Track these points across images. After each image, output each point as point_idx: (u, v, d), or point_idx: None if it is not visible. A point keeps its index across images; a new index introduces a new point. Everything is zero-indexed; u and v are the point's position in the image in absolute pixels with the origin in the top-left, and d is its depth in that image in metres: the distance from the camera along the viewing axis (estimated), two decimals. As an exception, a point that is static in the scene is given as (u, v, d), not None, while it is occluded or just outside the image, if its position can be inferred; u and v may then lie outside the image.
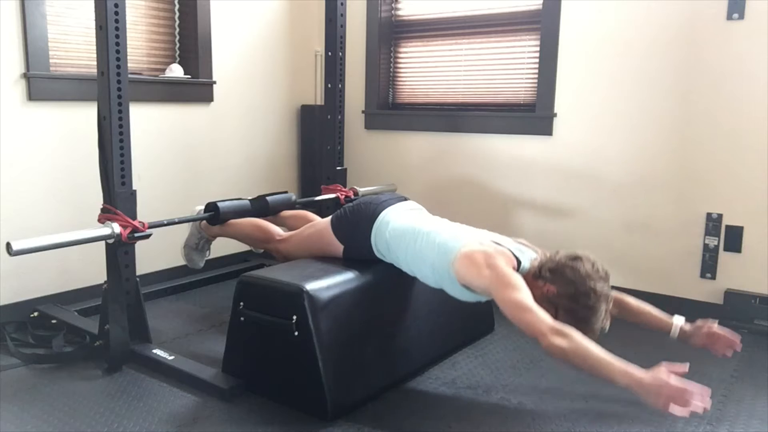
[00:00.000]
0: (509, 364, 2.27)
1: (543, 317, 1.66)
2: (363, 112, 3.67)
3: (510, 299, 1.71)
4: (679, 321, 1.98)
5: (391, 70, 3.67)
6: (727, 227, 2.71)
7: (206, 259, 2.80)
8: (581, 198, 3.04)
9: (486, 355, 2.35)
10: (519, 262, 1.88)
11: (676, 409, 1.48)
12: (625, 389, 1.58)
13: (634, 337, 2.54)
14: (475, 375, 2.18)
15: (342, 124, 3.19)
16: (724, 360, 2.32)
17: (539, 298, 1.75)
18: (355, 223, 2.14)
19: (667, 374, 1.52)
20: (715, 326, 1.96)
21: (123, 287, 2.17)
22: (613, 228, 2.98)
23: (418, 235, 1.98)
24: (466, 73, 3.40)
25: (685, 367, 1.58)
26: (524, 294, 1.72)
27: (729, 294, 2.70)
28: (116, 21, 2.04)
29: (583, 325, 1.74)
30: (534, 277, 1.85)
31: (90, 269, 2.73)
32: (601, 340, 2.46)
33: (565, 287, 1.78)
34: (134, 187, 2.17)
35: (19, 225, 2.51)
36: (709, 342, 1.96)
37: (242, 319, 1.98)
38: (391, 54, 3.65)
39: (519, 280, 1.76)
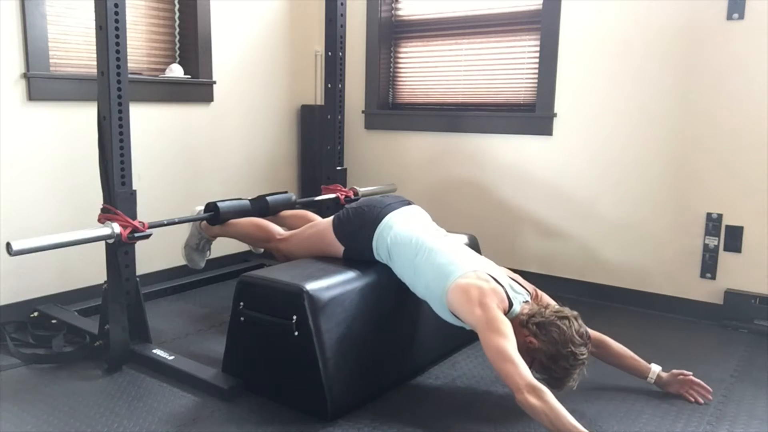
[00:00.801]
0: (509, 364, 2.27)
1: (522, 371, 1.67)
2: (363, 112, 3.67)
3: (495, 346, 1.72)
4: (656, 368, 2.03)
5: (391, 70, 3.67)
6: (727, 227, 2.71)
7: (206, 259, 2.80)
8: (581, 198, 3.04)
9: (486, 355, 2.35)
10: (510, 305, 1.88)
11: None
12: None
13: (634, 337, 2.55)
14: (475, 375, 2.18)
15: (342, 124, 3.19)
16: (724, 360, 2.33)
17: (520, 345, 1.76)
18: (358, 225, 2.13)
19: None
20: (690, 375, 2.02)
21: (123, 287, 2.17)
22: (613, 228, 2.98)
23: (419, 250, 1.98)
24: (466, 73, 3.40)
25: None
26: (509, 343, 1.73)
27: (729, 294, 2.70)
28: (116, 21, 2.04)
29: (555, 382, 1.78)
30: (520, 325, 1.85)
31: (90, 269, 2.73)
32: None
33: (547, 345, 1.79)
34: (134, 187, 2.17)
35: (19, 225, 2.51)
36: (684, 389, 2.01)
37: (242, 319, 1.98)
38: (391, 54, 3.65)
39: (507, 327, 1.77)
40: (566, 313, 1.84)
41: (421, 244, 1.99)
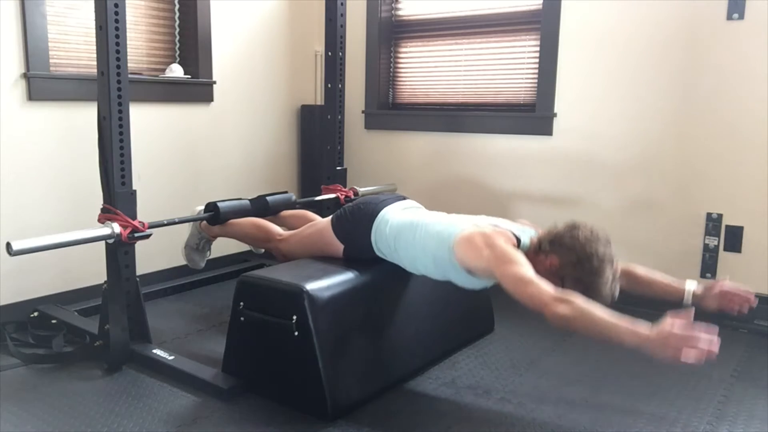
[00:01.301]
0: (509, 364, 2.27)
1: (545, 288, 1.64)
2: (363, 112, 3.67)
3: (511, 274, 1.71)
4: (691, 286, 1.88)
5: (391, 70, 3.67)
6: (727, 227, 2.71)
7: (206, 259, 2.80)
8: (581, 198, 3.04)
9: (486, 355, 2.35)
10: (519, 240, 1.88)
11: (688, 357, 1.43)
12: (635, 349, 1.53)
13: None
14: (475, 375, 2.18)
15: (342, 124, 3.19)
16: (724, 360, 2.32)
17: (544, 273, 1.74)
18: (356, 222, 2.14)
19: (671, 324, 1.48)
20: (726, 284, 1.84)
21: (123, 287, 2.17)
22: (613, 227, 2.97)
23: (417, 228, 1.99)
24: (466, 73, 3.40)
25: (690, 315, 1.51)
26: (525, 268, 1.71)
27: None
28: (116, 21, 2.04)
29: (591, 292, 1.71)
30: (535, 253, 1.85)
31: (90, 269, 2.73)
32: (601, 344, 2.47)
33: (567, 256, 1.77)
34: (134, 187, 2.17)
35: (19, 225, 2.51)
36: (723, 303, 1.86)
37: (242, 319, 1.98)
38: (391, 54, 3.65)
39: (519, 256, 1.76)
40: (576, 222, 1.82)
41: (418, 223, 2.00)
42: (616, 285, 1.79)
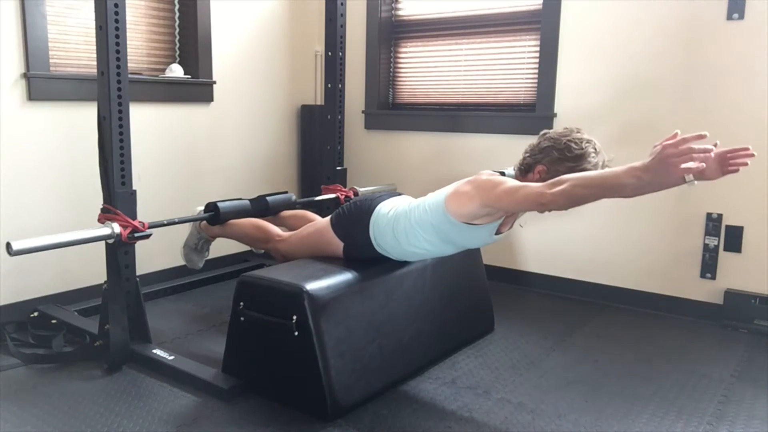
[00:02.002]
0: (509, 364, 2.27)
1: (534, 185, 1.69)
2: (363, 112, 3.67)
3: (501, 191, 1.75)
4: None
5: (391, 70, 3.67)
6: (727, 227, 2.71)
7: (206, 259, 2.80)
8: (581, 198, 3.03)
9: (486, 355, 2.35)
10: (502, 174, 1.96)
11: (689, 169, 1.43)
12: (636, 184, 1.50)
13: (635, 337, 2.55)
14: (475, 375, 2.18)
15: (342, 124, 3.19)
16: (724, 360, 2.33)
17: (538, 184, 1.76)
18: (354, 219, 2.14)
19: (662, 146, 1.47)
20: (717, 149, 1.65)
21: (123, 287, 2.17)
22: (613, 227, 2.98)
23: (410, 212, 2.02)
24: (466, 73, 3.40)
25: (675, 133, 1.48)
26: (512, 182, 1.77)
27: (729, 294, 2.70)
28: (116, 21, 2.04)
29: (585, 170, 1.79)
30: (521, 173, 1.95)
31: (90, 269, 2.73)
32: (601, 344, 2.47)
33: (549, 156, 1.86)
34: (134, 187, 2.17)
35: (19, 225, 2.51)
36: (723, 169, 1.73)
37: (242, 319, 1.98)
38: (391, 54, 3.65)
39: (504, 178, 1.81)
40: (544, 130, 1.94)
41: (411, 206, 2.04)
42: (603, 154, 1.88)
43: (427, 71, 3.53)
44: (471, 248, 2.11)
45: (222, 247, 3.19)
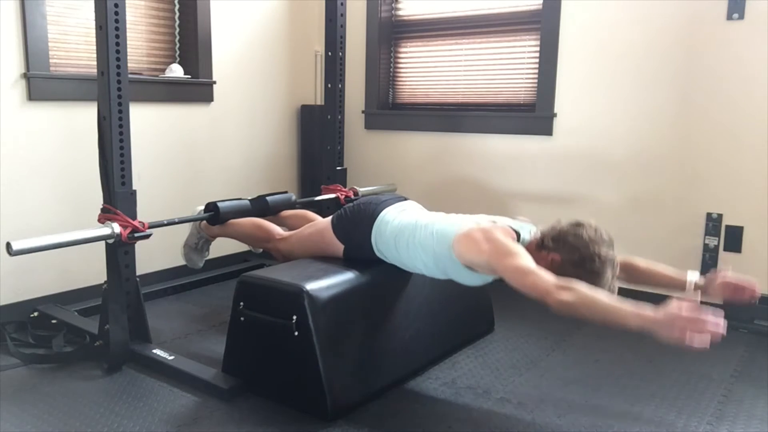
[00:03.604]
0: (509, 364, 2.27)
1: (546, 276, 1.64)
2: (363, 112, 3.67)
3: (511, 266, 1.71)
4: (692, 277, 1.86)
5: (391, 70, 3.67)
6: (727, 227, 2.71)
7: (206, 259, 2.80)
8: (581, 198, 3.04)
9: (486, 355, 2.35)
10: (518, 235, 1.89)
11: (694, 340, 1.43)
12: (640, 331, 1.52)
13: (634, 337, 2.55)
14: (475, 375, 2.18)
15: (342, 124, 3.19)
16: (724, 360, 2.32)
17: (545, 267, 1.74)
18: (356, 222, 2.14)
19: (678, 307, 1.47)
20: (728, 275, 1.81)
21: (123, 287, 2.17)
22: (613, 227, 2.97)
23: (417, 229, 1.99)
24: (466, 73, 3.40)
25: (696, 298, 1.51)
26: (525, 259, 1.72)
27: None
28: (116, 21, 2.04)
29: (595, 285, 1.70)
30: (537, 248, 1.85)
31: (90, 269, 2.73)
32: (601, 344, 2.47)
33: (570, 254, 1.77)
34: (134, 187, 2.17)
35: (19, 225, 2.51)
36: (727, 293, 1.82)
37: (242, 319, 1.98)
38: (391, 54, 3.65)
39: (518, 248, 1.77)
40: (580, 220, 1.82)
41: (418, 223, 2.01)
42: (614, 285, 1.79)
43: (427, 71, 3.53)
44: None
45: (222, 247, 3.18)
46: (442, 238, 1.91)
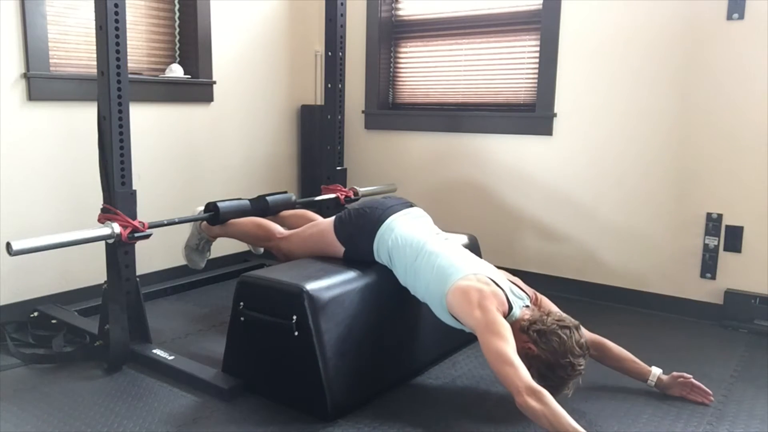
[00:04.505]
0: (509, 364, 2.27)
1: (522, 374, 1.66)
2: (363, 112, 3.67)
3: (494, 349, 1.72)
4: (657, 371, 2.01)
5: (391, 70, 3.67)
6: (727, 227, 2.71)
7: (206, 259, 2.80)
8: (581, 198, 3.04)
9: (486, 355, 2.35)
10: (510, 308, 1.88)
11: None
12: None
13: (634, 337, 2.55)
14: (475, 375, 2.18)
15: (342, 124, 3.19)
16: (724, 360, 2.33)
17: (519, 350, 1.76)
18: (359, 226, 2.13)
19: None
20: (690, 378, 2.00)
21: (123, 287, 2.17)
22: (613, 227, 2.98)
23: (420, 253, 1.98)
24: (466, 73, 3.40)
25: None
26: (509, 346, 1.72)
27: (729, 294, 2.70)
28: (116, 21, 2.04)
29: (550, 390, 1.72)
30: (521, 330, 1.85)
31: (90, 269, 2.73)
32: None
33: (547, 354, 1.78)
34: (134, 187, 2.17)
35: (19, 225, 2.51)
36: (686, 392, 2.00)
37: (242, 319, 1.98)
38: (391, 54, 3.65)
39: (506, 330, 1.76)
40: (567, 322, 1.83)
41: (422, 247, 2.00)
42: (571, 390, 1.83)
43: (427, 71, 3.53)
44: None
45: (222, 247, 3.19)
46: (439, 278, 1.90)
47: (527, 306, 1.95)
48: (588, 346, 1.84)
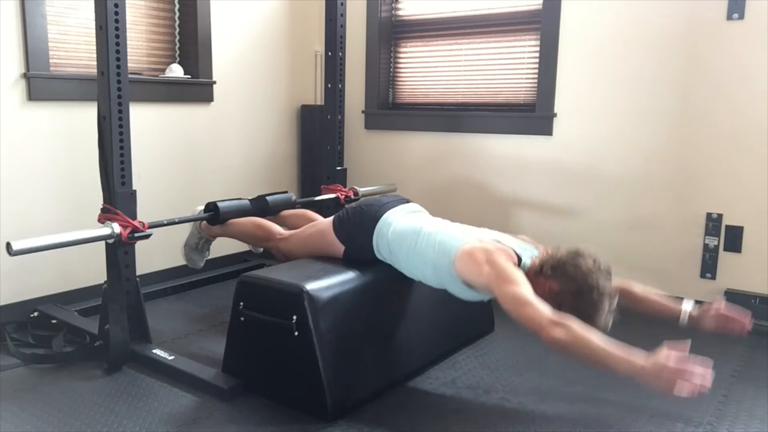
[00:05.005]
0: (509, 364, 2.27)
1: (542, 310, 1.64)
2: (363, 112, 3.67)
3: (509, 294, 1.71)
4: (687, 307, 1.91)
5: (391, 70, 3.67)
6: (727, 227, 2.71)
7: (206, 259, 2.80)
8: (581, 198, 3.04)
9: (486, 355, 2.35)
10: (520, 259, 1.88)
11: (681, 390, 1.44)
12: (627, 378, 1.54)
13: (635, 337, 2.55)
14: (475, 375, 2.18)
15: (342, 124, 3.19)
16: (724, 360, 2.32)
17: (542, 296, 1.74)
18: (357, 224, 2.14)
19: (666, 356, 1.49)
20: (722, 307, 1.88)
21: (123, 287, 2.17)
22: (613, 228, 2.98)
23: (419, 237, 1.98)
24: (466, 73, 3.40)
25: (686, 347, 1.53)
26: (524, 288, 1.71)
27: (729, 294, 2.70)
28: (116, 21, 2.04)
29: (586, 321, 1.70)
30: (536, 274, 1.84)
31: (90, 269, 2.73)
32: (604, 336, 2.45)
33: (567, 284, 1.77)
34: (134, 187, 2.17)
35: (19, 225, 2.51)
36: (720, 324, 1.89)
37: (242, 319, 1.98)
38: (391, 54, 3.65)
39: (519, 276, 1.76)
40: (580, 249, 1.82)
41: (420, 230, 2.00)
42: (610, 317, 1.79)
43: (427, 71, 3.53)
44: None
45: (222, 247, 3.19)
46: (443, 251, 1.90)
47: (536, 255, 1.94)
48: (609, 267, 1.80)
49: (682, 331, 2.65)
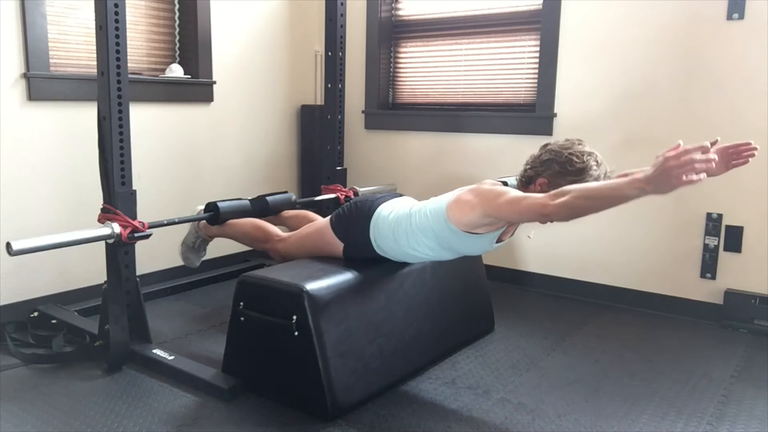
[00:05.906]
0: (509, 364, 2.27)
1: (537, 196, 1.70)
2: (363, 112, 3.68)
3: (504, 202, 1.76)
4: None
5: (391, 70, 3.67)
6: (727, 227, 2.71)
7: (205, 259, 2.80)
8: (581, 198, 3.03)
9: (486, 355, 2.35)
10: (504, 184, 1.96)
11: (690, 177, 1.42)
12: (639, 195, 1.53)
13: (635, 337, 2.55)
14: (475, 375, 2.18)
15: (342, 124, 3.19)
16: (724, 360, 2.33)
17: (539, 194, 1.77)
18: (354, 220, 2.14)
19: (664, 156, 1.46)
20: (719, 146, 1.83)
21: (123, 287, 2.17)
22: (613, 227, 2.98)
23: (411, 215, 2.02)
24: (466, 73, 3.40)
25: (678, 143, 1.48)
26: (515, 192, 1.78)
27: (729, 294, 2.70)
28: (116, 21, 2.04)
29: (586, 182, 1.77)
30: (524, 185, 1.94)
31: (90, 269, 2.73)
32: (601, 344, 2.47)
33: (551, 169, 1.86)
34: (134, 187, 2.17)
35: (19, 225, 2.51)
36: (727, 161, 1.87)
37: (242, 319, 1.98)
38: (391, 54, 3.65)
39: (507, 188, 1.82)
40: (545, 142, 1.94)
41: (410, 210, 2.04)
42: (605, 165, 1.87)
43: (427, 71, 3.53)
44: (471, 255, 2.10)
45: (222, 247, 3.19)
46: (435, 214, 1.94)
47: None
48: (578, 139, 1.93)
49: (680, 328, 2.65)
